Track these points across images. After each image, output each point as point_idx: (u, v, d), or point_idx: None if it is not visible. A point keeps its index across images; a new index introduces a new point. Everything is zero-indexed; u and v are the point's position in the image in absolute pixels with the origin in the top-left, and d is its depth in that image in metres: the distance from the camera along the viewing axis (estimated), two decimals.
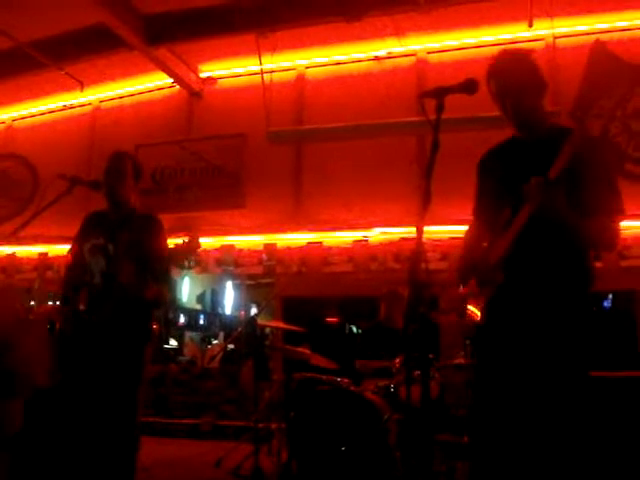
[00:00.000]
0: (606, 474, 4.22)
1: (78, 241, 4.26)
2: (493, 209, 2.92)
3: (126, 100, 10.58)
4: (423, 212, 2.47)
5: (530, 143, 2.91)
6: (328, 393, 5.25)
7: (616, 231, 2.81)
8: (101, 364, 3.86)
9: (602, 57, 7.36)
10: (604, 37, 7.80)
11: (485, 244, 2.91)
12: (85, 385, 3.89)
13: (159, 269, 3.97)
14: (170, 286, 4.19)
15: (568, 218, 2.68)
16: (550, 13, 7.87)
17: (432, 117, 2.54)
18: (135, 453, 3.96)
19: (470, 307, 2.93)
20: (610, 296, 8.51)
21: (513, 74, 2.88)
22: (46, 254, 10.16)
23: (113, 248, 4.03)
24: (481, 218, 3.11)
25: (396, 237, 8.51)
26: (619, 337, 7.61)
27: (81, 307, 3.98)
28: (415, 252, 2.40)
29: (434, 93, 2.57)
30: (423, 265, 2.37)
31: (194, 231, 4.27)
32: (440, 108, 2.53)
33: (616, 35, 7.98)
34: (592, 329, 2.79)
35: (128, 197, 4.24)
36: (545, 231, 2.71)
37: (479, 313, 2.88)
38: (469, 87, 2.59)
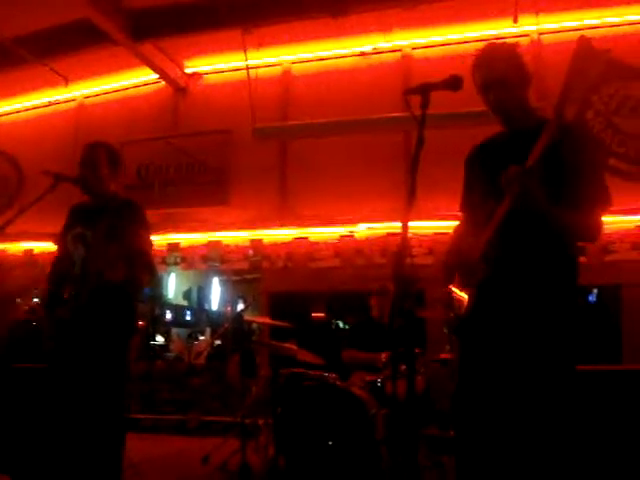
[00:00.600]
0: (591, 467, 4.25)
1: (62, 235, 4.27)
2: (480, 204, 2.93)
3: (111, 96, 10.52)
4: (408, 207, 2.48)
5: (515, 136, 2.92)
6: (315, 388, 5.27)
7: (598, 222, 2.80)
8: (83, 356, 3.86)
9: (587, 54, 7.39)
10: (589, 33, 7.83)
11: (471, 239, 2.91)
12: (68, 378, 3.89)
13: (138, 253, 3.97)
14: (151, 271, 4.16)
15: (546, 208, 2.68)
16: (535, 9, 7.90)
17: (417, 113, 2.54)
18: (121, 448, 3.95)
19: (456, 291, 2.94)
20: (595, 291, 8.56)
21: (497, 66, 2.89)
22: (31, 251, 10.12)
23: (92, 235, 4.02)
24: (468, 213, 3.12)
25: (382, 232, 8.52)
26: (604, 332, 7.66)
27: (60, 312, 3.97)
28: (400, 247, 2.41)
29: (419, 90, 2.57)
30: (408, 260, 2.38)
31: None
32: (425, 104, 2.54)
33: (601, 32, 8.01)
34: (578, 322, 2.80)
35: (106, 186, 4.23)
36: (528, 222, 2.73)
37: (465, 298, 2.88)
38: (454, 83, 2.60)
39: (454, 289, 2.94)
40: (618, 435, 4.50)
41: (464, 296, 2.90)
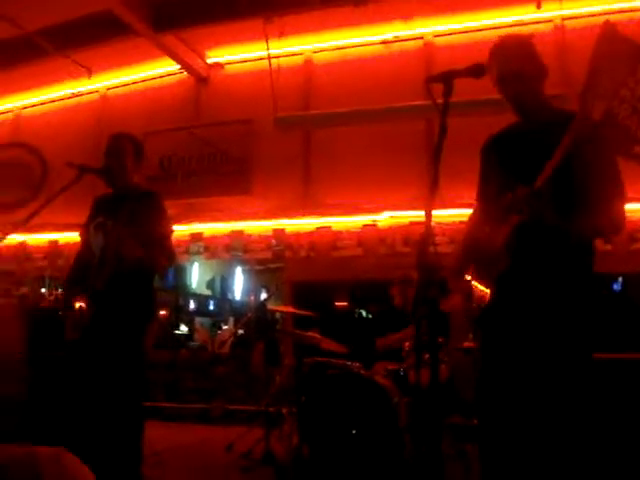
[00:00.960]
0: (611, 457, 4.24)
1: (85, 226, 4.30)
2: (496, 195, 2.93)
3: (133, 87, 10.60)
4: (431, 196, 2.48)
5: (531, 128, 2.92)
6: (338, 377, 5.28)
7: (619, 214, 2.80)
8: (100, 342, 3.89)
9: (612, 39, 7.28)
10: (614, 18, 7.74)
11: (487, 229, 2.91)
12: (87, 364, 3.93)
13: (157, 238, 3.99)
14: (169, 255, 4.16)
15: (560, 225, 2.69)
16: None
17: (439, 101, 2.54)
18: (140, 434, 3.96)
19: (475, 283, 2.94)
20: (620, 279, 8.48)
21: (513, 59, 2.89)
22: (56, 242, 10.22)
23: (112, 224, 4.04)
24: (484, 204, 3.12)
25: (405, 221, 8.50)
26: (629, 320, 7.60)
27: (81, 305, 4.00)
28: (424, 236, 2.40)
29: (441, 77, 2.56)
30: (432, 249, 2.38)
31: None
32: (448, 92, 2.53)
33: (627, 16, 7.91)
34: (597, 311, 2.80)
35: (129, 177, 4.25)
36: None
37: (487, 290, 2.88)
38: (476, 71, 2.59)
39: (472, 281, 2.94)
40: None
41: (482, 287, 2.90)
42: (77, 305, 3.97)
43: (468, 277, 2.96)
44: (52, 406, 5.14)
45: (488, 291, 2.89)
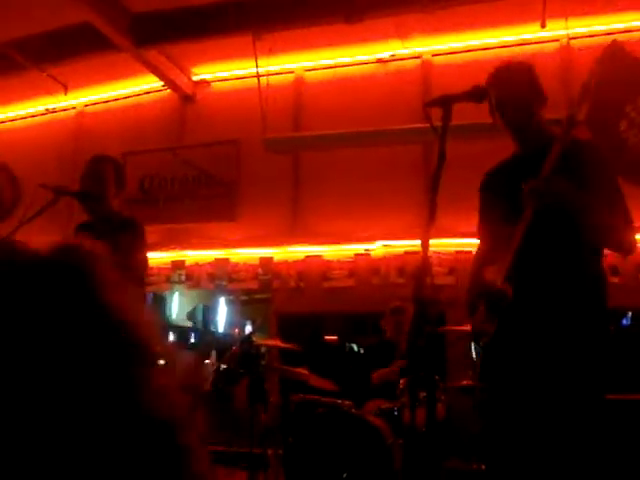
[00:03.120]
0: None
1: None
2: (499, 229, 2.98)
3: (113, 104, 10.61)
4: (429, 225, 2.51)
5: (530, 157, 2.98)
6: (328, 416, 5.29)
7: (631, 238, 2.86)
8: None
9: (620, 59, 7.37)
10: (622, 37, 7.83)
11: (492, 267, 2.95)
12: None
13: (129, 268, 3.97)
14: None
15: (584, 199, 2.73)
16: (564, 12, 7.92)
17: (438, 125, 2.57)
18: None
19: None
20: (629, 314, 8.50)
21: (511, 86, 2.95)
22: None
23: None
24: (486, 240, 3.18)
25: (400, 250, 8.51)
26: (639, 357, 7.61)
27: None
28: (420, 267, 2.44)
29: (440, 101, 2.61)
30: (428, 280, 2.41)
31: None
32: (447, 117, 2.57)
33: (635, 35, 8.03)
34: (608, 347, 2.83)
35: (110, 203, 4.22)
36: (550, 238, 2.76)
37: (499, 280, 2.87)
38: (477, 95, 2.63)
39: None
40: None
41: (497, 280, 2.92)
42: None
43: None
44: None
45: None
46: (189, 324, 15.20)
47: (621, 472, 4.47)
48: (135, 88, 10.40)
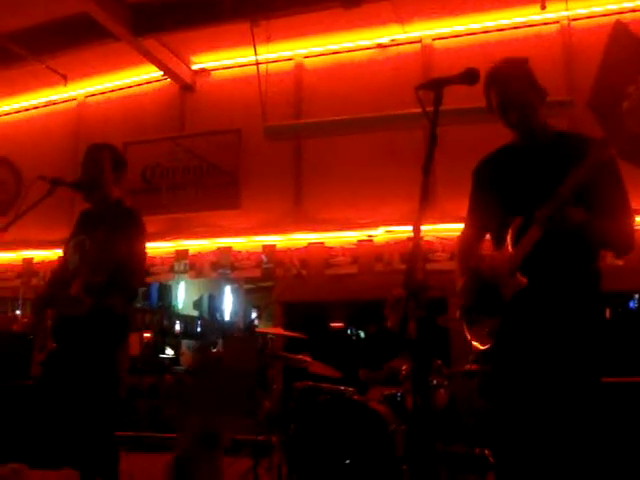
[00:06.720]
0: None
1: (67, 242, 4.30)
2: (494, 217, 2.99)
3: (113, 94, 10.62)
4: (422, 210, 2.50)
5: (533, 150, 2.97)
6: (330, 403, 5.28)
7: (631, 231, 2.86)
8: (68, 370, 3.88)
9: (624, 39, 7.29)
10: (622, 18, 7.77)
11: (497, 254, 2.95)
12: (53, 395, 3.93)
13: (122, 276, 3.94)
14: (129, 296, 4.14)
15: (588, 224, 2.73)
16: None
17: (430, 109, 2.55)
18: (114, 467, 3.93)
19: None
20: (636, 296, 8.50)
21: (516, 86, 2.93)
22: (31, 260, 10.20)
23: (89, 244, 4.03)
24: (477, 228, 3.18)
25: (402, 236, 8.46)
26: None
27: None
28: (412, 252, 2.42)
29: (431, 85, 2.59)
30: (420, 265, 2.39)
31: None
32: (438, 100, 2.55)
33: (635, 15, 7.97)
34: (606, 333, 2.84)
35: (108, 191, 4.22)
36: (557, 241, 2.76)
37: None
38: (470, 77, 2.60)
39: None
40: None
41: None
42: (47, 323, 3.98)
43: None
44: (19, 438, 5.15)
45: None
46: (195, 313, 15.27)
47: (631, 455, 4.47)
48: (135, 78, 10.40)
